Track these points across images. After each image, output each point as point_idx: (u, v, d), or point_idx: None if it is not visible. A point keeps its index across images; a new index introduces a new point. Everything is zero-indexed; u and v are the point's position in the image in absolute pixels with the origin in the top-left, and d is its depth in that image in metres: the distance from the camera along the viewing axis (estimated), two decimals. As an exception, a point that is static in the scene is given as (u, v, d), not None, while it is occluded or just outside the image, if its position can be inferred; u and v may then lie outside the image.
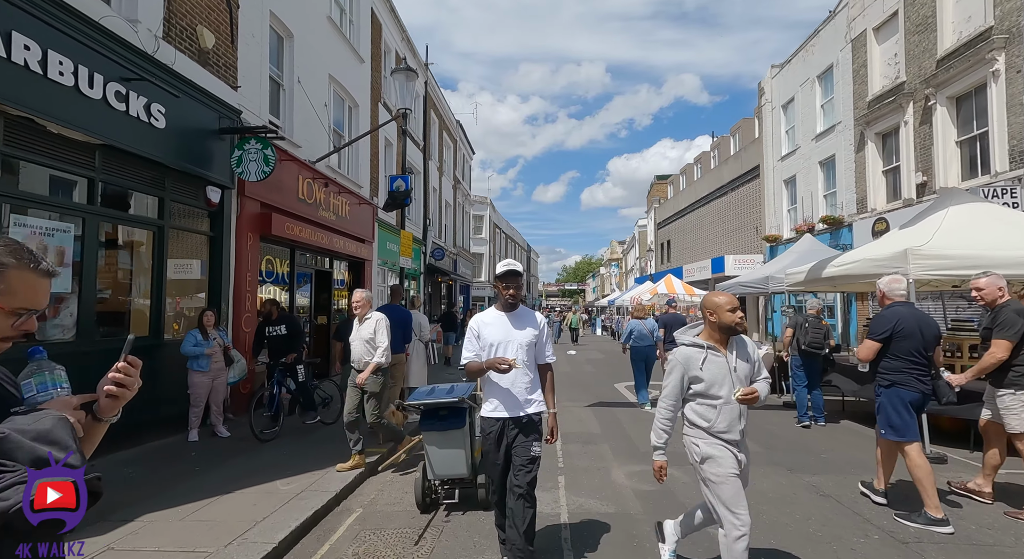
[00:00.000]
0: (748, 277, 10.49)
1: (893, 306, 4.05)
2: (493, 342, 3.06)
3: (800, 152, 18.64)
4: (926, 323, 3.96)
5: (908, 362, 3.84)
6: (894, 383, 3.87)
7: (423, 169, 18.53)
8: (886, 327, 3.91)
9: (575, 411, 8.11)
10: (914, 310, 4.08)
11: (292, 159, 8.64)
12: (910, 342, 3.85)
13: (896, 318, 3.91)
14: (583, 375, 13.16)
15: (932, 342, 3.94)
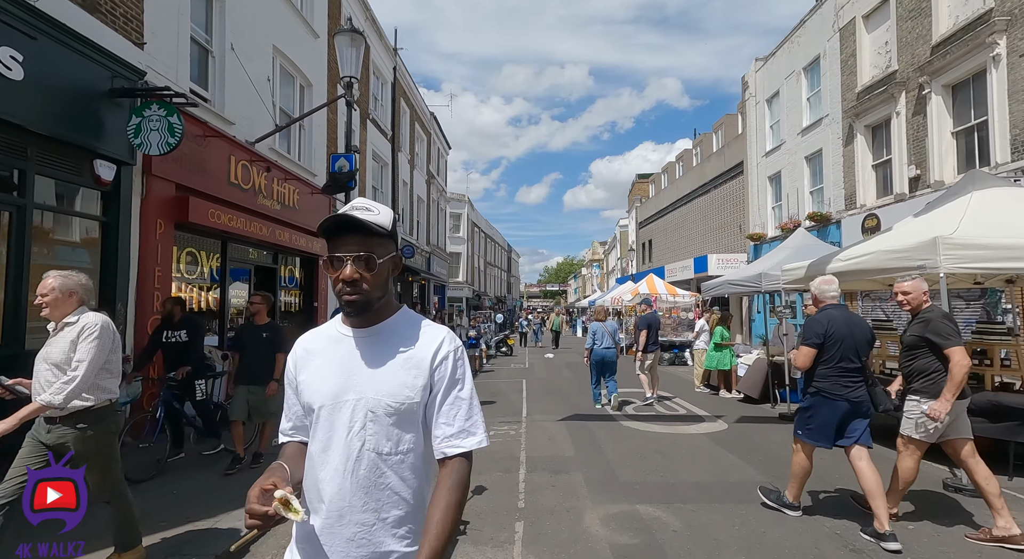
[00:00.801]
0: (738, 274, 9.63)
1: (825, 309, 3.88)
2: (316, 402, 1.34)
3: (785, 147, 18.00)
4: (858, 326, 3.81)
5: (838, 369, 3.69)
6: (820, 390, 3.74)
7: (391, 160, 17.37)
8: (819, 331, 3.74)
9: (547, 427, 7.10)
10: (846, 313, 3.91)
11: (221, 136, 7.47)
12: (841, 347, 3.70)
13: (828, 321, 3.76)
14: (560, 381, 12.17)
15: (865, 346, 3.77)
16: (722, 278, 10.12)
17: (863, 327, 3.84)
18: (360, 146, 14.24)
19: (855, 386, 3.69)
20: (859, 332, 3.76)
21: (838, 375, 3.69)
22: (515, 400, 9.37)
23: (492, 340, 19.25)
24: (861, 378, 3.73)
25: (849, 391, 3.67)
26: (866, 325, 3.92)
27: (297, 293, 10.89)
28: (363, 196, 15.38)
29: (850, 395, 3.67)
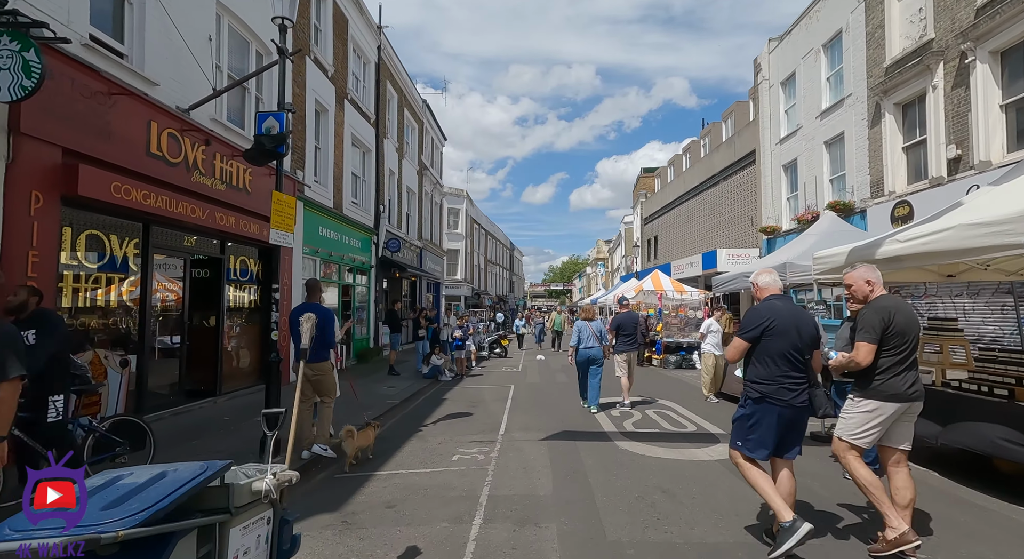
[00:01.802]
0: (756, 267, 8.27)
1: (768, 299, 3.48)
2: None
3: (802, 133, 16.59)
4: (803, 321, 3.39)
5: (778, 368, 3.29)
6: (764, 395, 3.30)
7: (375, 147, 16.12)
8: (758, 322, 3.34)
9: (525, 450, 5.80)
10: (791, 305, 3.48)
11: (137, 98, 6.23)
12: (782, 342, 3.29)
13: (771, 313, 3.34)
14: (552, 388, 10.86)
15: (809, 343, 3.36)
16: (736, 271, 8.77)
17: (808, 322, 3.39)
18: (335, 128, 13.01)
19: (799, 389, 3.28)
20: (804, 327, 3.33)
21: (780, 377, 3.27)
22: (495, 412, 8.08)
23: (485, 341, 17.96)
24: (804, 380, 3.31)
25: (793, 396, 3.26)
26: (813, 321, 3.45)
27: (252, 286, 9.64)
28: (342, 184, 14.17)
29: (794, 400, 3.26)
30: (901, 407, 3.23)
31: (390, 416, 8.00)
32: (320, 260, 12.24)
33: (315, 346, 5.55)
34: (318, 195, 11.99)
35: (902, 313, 3.28)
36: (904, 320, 3.26)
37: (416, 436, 6.56)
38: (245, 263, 9.31)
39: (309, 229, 11.50)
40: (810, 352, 3.34)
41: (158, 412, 6.85)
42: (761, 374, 3.32)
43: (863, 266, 3.59)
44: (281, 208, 5.56)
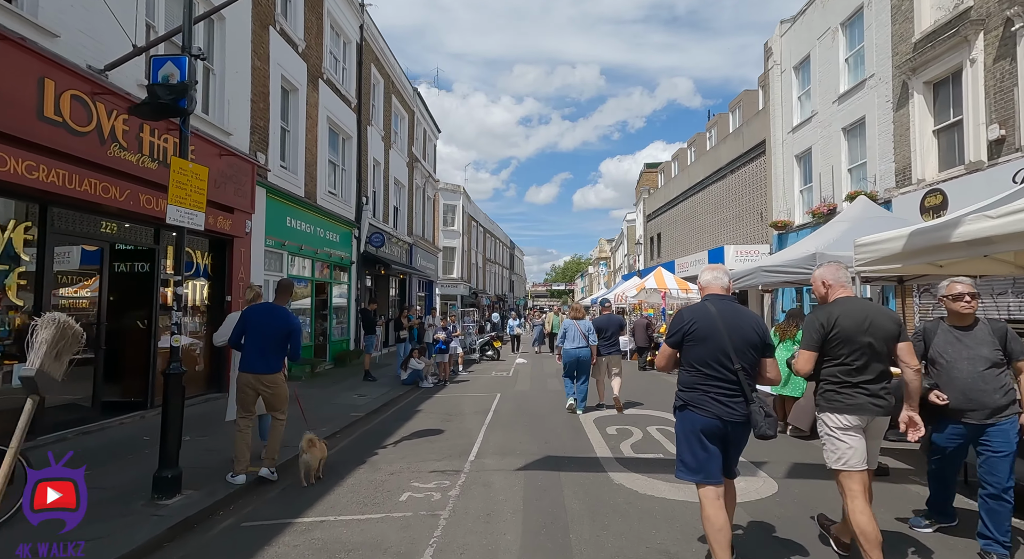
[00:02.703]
0: (779, 259, 7.10)
1: (704, 299, 3.10)
2: None
3: (817, 119, 15.39)
4: (740, 324, 2.90)
5: (703, 375, 2.88)
6: (686, 404, 2.94)
7: (357, 134, 14.97)
8: (678, 326, 2.98)
9: (495, 485, 4.63)
10: (729, 306, 2.99)
11: (22, 48, 5.09)
12: (706, 347, 2.88)
13: (694, 316, 2.96)
14: (541, 397, 9.69)
15: (746, 349, 2.87)
16: (754, 265, 7.59)
17: (747, 326, 2.93)
18: (308, 110, 11.86)
19: (728, 402, 2.84)
20: (739, 331, 2.90)
21: (704, 384, 2.89)
22: (471, 429, 6.92)
23: (475, 343, 16.81)
24: (736, 391, 2.86)
25: (720, 407, 2.84)
26: (754, 325, 2.96)
27: (200, 283, 8.49)
28: (315, 172, 12.95)
29: (723, 412, 2.84)
30: (862, 420, 2.92)
31: (348, 433, 6.85)
32: (288, 254, 11.10)
33: (270, 355, 4.71)
34: (286, 182, 10.85)
35: (850, 317, 2.95)
36: (852, 325, 2.94)
37: (367, 463, 5.40)
38: (190, 255, 8.17)
39: (274, 219, 10.35)
40: (748, 360, 2.87)
41: (61, 432, 5.73)
42: (683, 380, 3.01)
43: (828, 265, 3.27)
44: (185, 179, 4.41)
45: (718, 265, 3.40)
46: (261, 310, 4.84)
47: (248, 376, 4.67)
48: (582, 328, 7.84)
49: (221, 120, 8.65)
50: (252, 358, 4.68)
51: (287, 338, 4.81)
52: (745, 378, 2.85)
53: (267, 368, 4.72)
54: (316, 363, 11.64)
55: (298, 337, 4.98)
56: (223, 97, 8.71)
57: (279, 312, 4.85)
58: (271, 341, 4.70)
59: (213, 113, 8.62)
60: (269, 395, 4.79)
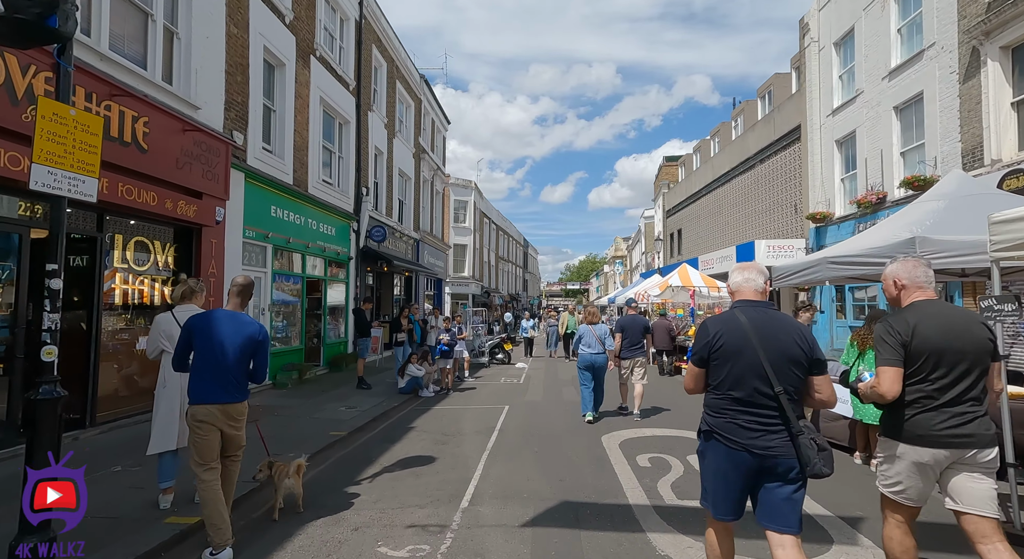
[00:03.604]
0: (852, 248, 5.68)
1: (733, 307, 2.58)
2: None
3: (863, 99, 13.85)
4: (777, 337, 2.38)
5: (732, 399, 2.40)
6: (712, 431, 2.47)
7: (356, 119, 13.82)
8: (703, 341, 2.51)
9: (491, 551, 3.37)
10: (764, 314, 2.47)
11: None
12: (735, 366, 2.39)
13: (720, 327, 2.47)
14: (556, 409, 8.40)
15: (786, 367, 2.34)
16: (819, 256, 6.19)
17: (787, 338, 2.36)
18: (297, 89, 10.72)
19: (762, 430, 2.33)
20: (776, 345, 2.35)
21: (732, 409, 2.39)
22: (469, 456, 5.66)
23: (485, 345, 15.57)
24: (776, 419, 2.32)
25: (752, 437, 2.33)
26: (797, 336, 2.37)
27: (159, 279, 7.35)
28: (306, 157, 11.72)
29: (753, 443, 2.32)
30: (940, 454, 2.43)
31: (321, 459, 5.65)
32: (273, 247, 9.96)
33: (236, 377, 3.50)
34: (270, 167, 9.72)
35: (932, 326, 2.46)
36: (935, 335, 2.44)
37: (329, 508, 4.17)
38: (145, 246, 7.04)
39: (255, 208, 9.22)
40: (790, 380, 2.34)
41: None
42: (711, 402, 2.50)
43: (903, 260, 2.74)
44: (64, 132, 3.19)
45: (750, 264, 2.74)
46: (216, 319, 3.53)
47: (209, 409, 3.40)
48: (598, 333, 7.43)
49: (186, 91, 7.52)
50: (209, 384, 3.43)
51: (252, 354, 3.60)
52: (788, 403, 2.32)
53: (235, 395, 3.50)
54: (306, 368, 10.50)
55: (266, 352, 3.75)
56: (189, 65, 7.58)
57: (241, 320, 3.59)
58: (234, 359, 3.49)
59: (177, 83, 7.50)
60: (234, 433, 3.56)
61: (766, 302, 2.58)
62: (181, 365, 3.55)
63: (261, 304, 9.64)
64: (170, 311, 4.06)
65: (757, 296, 2.57)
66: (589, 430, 6.88)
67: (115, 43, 6.43)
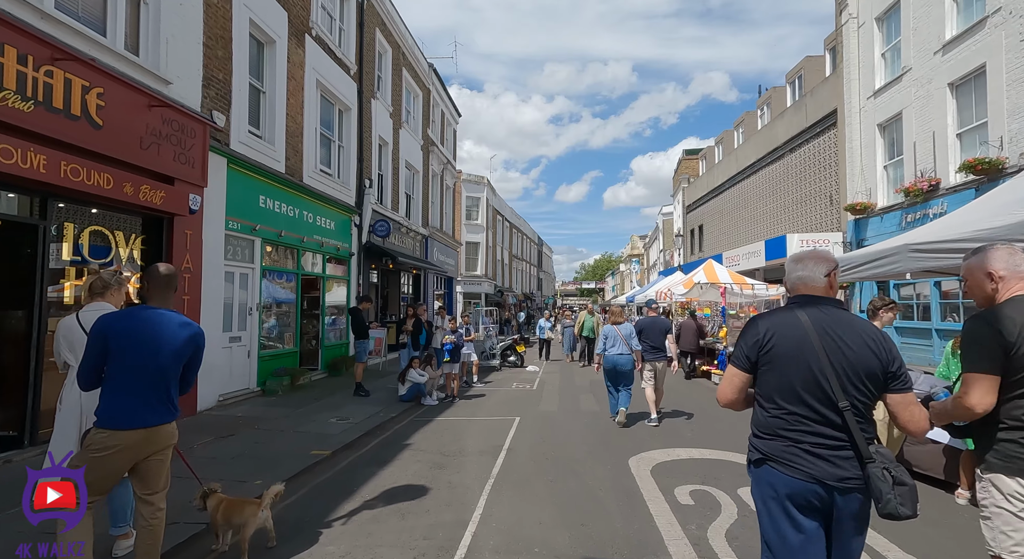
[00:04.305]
0: (947, 230, 4.56)
1: (792, 302, 2.11)
2: None
3: (911, 77, 12.57)
4: (843, 341, 1.93)
5: (788, 414, 1.93)
6: (765, 457, 1.97)
7: (357, 106, 12.95)
8: (752, 341, 2.04)
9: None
10: (832, 314, 2.00)
11: None
12: (791, 374, 1.93)
13: (771, 327, 2.02)
14: (575, 425, 7.40)
15: (856, 378, 1.90)
16: (897, 243, 5.09)
17: (858, 343, 1.91)
18: (290, 70, 9.86)
19: (829, 455, 1.86)
20: (846, 351, 1.90)
21: (792, 429, 1.92)
22: (469, 486, 4.68)
23: (496, 347, 14.60)
24: (842, 439, 1.87)
25: (824, 467, 1.86)
26: (872, 342, 1.91)
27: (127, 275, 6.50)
28: (301, 145, 10.84)
29: (826, 473, 1.85)
30: None
31: (296, 486, 4.73)
32: (263, 241, 9.10)
33: (165, 392, 2.72)
34: (258, 153, 8.86)
35: None
36: None
37: (286, 563, 3.23)
38: (104, 237, 6.20)
39: (240, 197, 8.37)
40: (861, 394, 1.88)
41: None
42: (760, 422, 2.02)
43: (997, 248, 2.24)
44: None
45: (811, 252, 2.21)
46: (140, 319, 2.67)
47: (129, 436, 2.57)
48: (623, 333, 7.25)
49: (155, 63, 6.67)
50: (130, 402, 2.60)
51: (188, 361, 2.80)
52: (856, 422, 1.86)
53: (164, 414, 2.71)
54: (299, 373, 9.64)
55: (200, 358, 2.87)
56: (158, 34, 6.73)
57: (175, 321, 2.75)
58: (166, 369, 2.68)
59: (145, 54, 6.65)
60: (157, 463, 2.72)
61: (833, 299, 2.10)
62: (89, 381, 2.66)
63: (249, 303, 8.79)
64: (75, 314, 3.16)
65: (820, 292, 2.08)
66: (613, 450, 5.86)
67: (63, 2, 5.59)
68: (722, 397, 2.11)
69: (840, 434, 1.89)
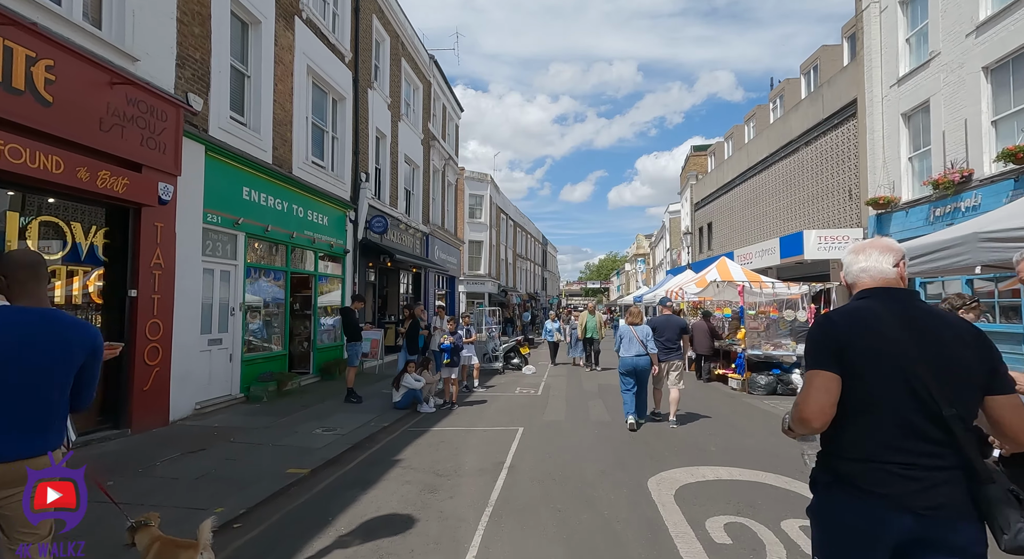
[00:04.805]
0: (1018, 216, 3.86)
1: (859, 297, 1.79)
2: None
3: (939, 62, 11.81)
4: (940, 338, 1.62)
5: (876, 430, 1.58)
6: (839, 479, 1.63)
7: (353, 95, 12.31)
8: (825, 343, 1.68)
9: None
10: (916, 308, 1.70)
11: None
12: (876, 379, 1.60)
13: (850, 322, 1.68)
14: (584, 437, 6.74)
15: (959, 381, 1.57)
16: (962, 231, 4.37)
17: (954, 340, 1.61)
18: (278, 53, 9.22)
19: (923, 477, 1.53)
20: (944, 350, 1.59)
21: (881, 447, 1.57)
22: (463, 517, 4.01)
23: (499, 349, 13.93)
24: (946, 460, 1.54)
25: (914, 489, 1.52)
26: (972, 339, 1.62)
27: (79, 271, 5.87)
28: (290, 134, 10.15)
29: (916, 499, 1.51)
30: None
31: (264, 514, 4.08)
32: (247, 236, 8.46)
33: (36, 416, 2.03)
34: (242, 141, 8.22)
35: None
36: None
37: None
38: (57, 229, 5.57)
39: (220, 188, 7.74)
40: (968, 400, 1.57)
41: None
42: (842, 438, 1.61)
43: None
44: None
45: (875, 241, 1.86)
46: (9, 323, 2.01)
47: None
48: (640, 334, 6.99)
49: (119, 37, 6.03)
50: None
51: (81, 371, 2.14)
52: (964, 433, 1.52)
53: (37, 442, 2.02)
54: (287, 378, 8.99)
55: (96, 367, 2.20)
56: (123, 4, 6.09)
57: (59, 320, 2.10)
58: (36, 387, 2.02)
59: (108, 27, 6.02)
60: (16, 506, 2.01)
61: (911, 291, 1.79)
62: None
63: (232, 302, 8.16)
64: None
65: (892, 282, 1.78)
66: (629, 468, 5.17)
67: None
68: (817, 414, 1.60)
69: (941, 450, 1.54)
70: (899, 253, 1.82)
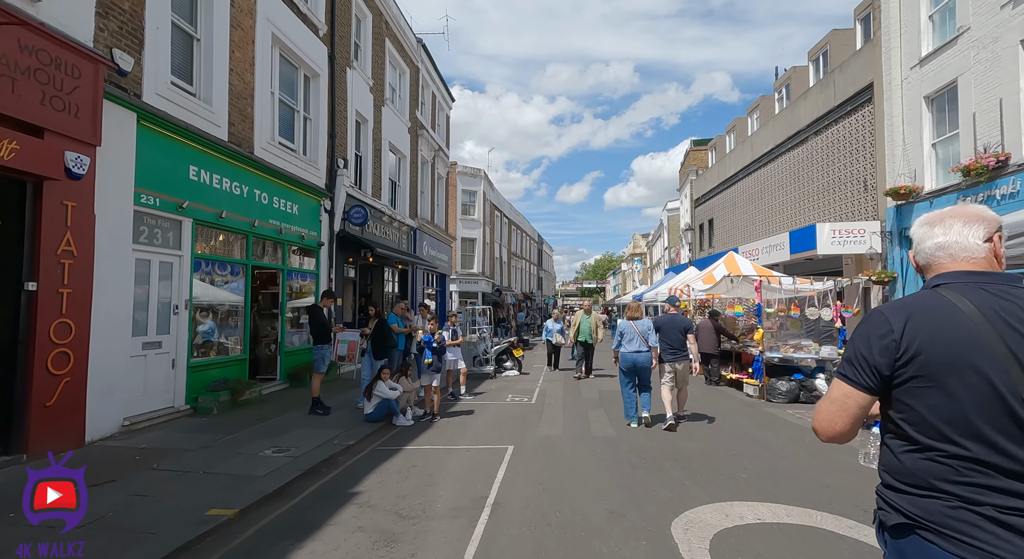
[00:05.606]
0: None
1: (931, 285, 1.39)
2: None
3: (969, 38, 10.82)
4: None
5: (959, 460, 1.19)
6: (917, 522, 1.23)
7: (328, 73, 11.17)
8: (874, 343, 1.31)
9: None
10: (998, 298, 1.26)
11: None
12: (953, 393, 1.21)
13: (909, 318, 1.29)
14: (585, 458, 5.69)
15: None
16: None
17: None
18: (235, 16, 8.10)
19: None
20: None
21: (963, 483, 1.19)
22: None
23: (490, 351, 12.81)
24: None
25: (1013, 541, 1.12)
26: None
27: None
28: (251, 108, 8.73)
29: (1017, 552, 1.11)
30: None
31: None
32: (195, 222, 7.31)
33: None
34: (187, 112, 7.08)
35: None
36: None
37: None
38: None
39: (159, 164, 6.59)
40: None
41: None
42: (902, 469, 1.29)
43: None
44: None
45: (957, 209, 1.45)
46: None
47: None
48: (640, 329, 6.88)
49: (14, -30, 4.89)
50: None
51: None
52: None
53: None
54: (244, 386, 7.85)
55: None
56: (19, -70, 4.95)
57: None
58: None
59: (0, -42, 4.87)
60: None
61: (1007, 275, 1.33)
62: None
63: (175, 299, 7.01)
64: None
65: (981, 265, 1.35)
66: (644, 506, 4.08)
67: None
68: (827, 428, 1.37)
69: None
70: (992, 223, 1.40)
